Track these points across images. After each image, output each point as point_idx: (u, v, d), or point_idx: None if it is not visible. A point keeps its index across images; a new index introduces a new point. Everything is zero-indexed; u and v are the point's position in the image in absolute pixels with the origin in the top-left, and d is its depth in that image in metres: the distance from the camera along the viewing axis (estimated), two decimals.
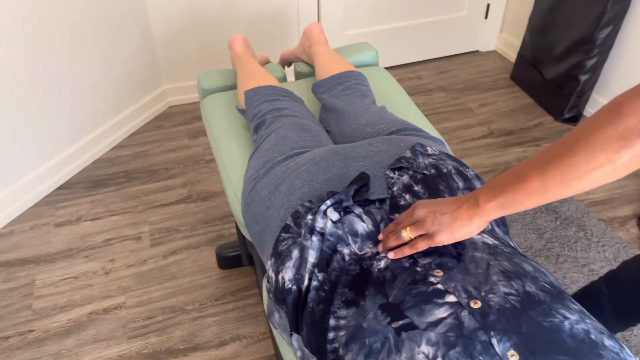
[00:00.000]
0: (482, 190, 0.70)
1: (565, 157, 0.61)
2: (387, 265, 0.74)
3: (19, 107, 1.80)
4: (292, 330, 0.82)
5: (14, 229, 1.84)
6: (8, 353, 1.46)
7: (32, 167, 1.91)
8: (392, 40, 2.61)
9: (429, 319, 0.65)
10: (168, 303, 1.59)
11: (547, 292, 0.69)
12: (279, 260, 0.84)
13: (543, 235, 1.78)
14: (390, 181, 0.87)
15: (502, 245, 0.79)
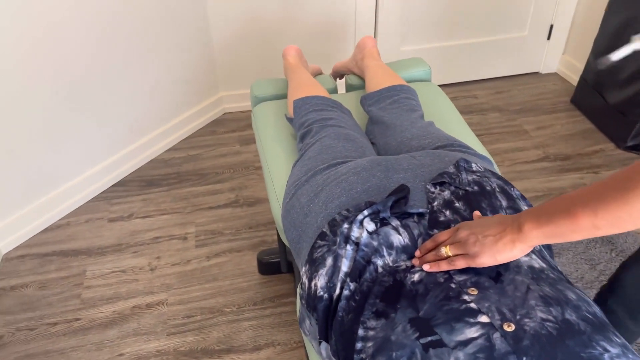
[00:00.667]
0: (527, 216, 0.69)
1: (619, 203, 0.60)
2: (421, 279, 0.73)
3: (85, 105, 1.90)
4: (321, 338, 0.82)
5: (71, 221, 1.93)
6: (54, 339, 1.53)
7: (92, 163, 2.00)
8: (448, 58, 2.58)
9: (459, 337, 0.63)
10: (207, 303, 1.62)
11: (588, 322, 0.65)
12: (313, 267, 0.84)
13: (596, 267, 1.70)
14: (431, 196, 0.86)
15: (549, 269, 0.76)
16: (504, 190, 0.89)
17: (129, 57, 1.98)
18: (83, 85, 1.86)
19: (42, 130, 1.80)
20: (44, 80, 1.74)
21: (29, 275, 1.72)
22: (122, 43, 1.94)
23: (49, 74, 1.74)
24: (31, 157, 1.80)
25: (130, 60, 1.99)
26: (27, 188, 1.83)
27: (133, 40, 1.97)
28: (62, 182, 1.93)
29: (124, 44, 1.94)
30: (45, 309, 1.62)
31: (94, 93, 1.91)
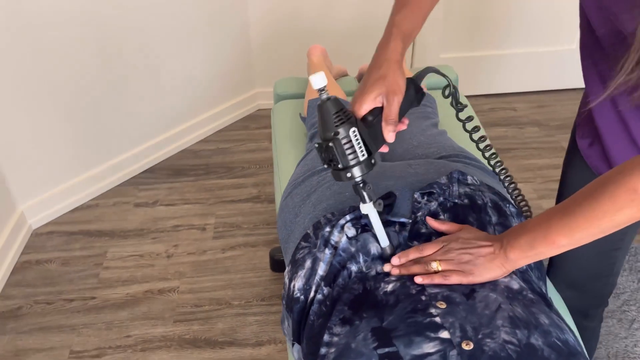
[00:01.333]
0: (512, 247, 0.72)
1: (590, 222, 0.64)
2: (394, 290, 0.72)
3: (122, 93, 1.97)
4: (295, 340, 0.81)
5: (100, 202, 2.01)
6: (68, 314, 1.60)
7: (125, 149, 2.07)
8: (489, 68, 2.51)
9: (415, 351, 0.62)
10: (217, 295, 1.65)
11: (554, 349, 0.62)
12: (294, 268, 0.84)
13: (620, 296, 1.61)
14: (417, 205, 0.84)
15: (528, 290, 0.73)
16: (497, 206, 0.86)
17: (168, 47, 2.04)
18: (122, 72, 1.93)
19: (81, 113, 1.87)
20: (88, 65, 1.81)
21: (54, 252, 1.80)
22: (162, 33, 1.99)
23: (94, 61, 1.82)
24: (67, 139, 1.88)
25: (169, 51, 2.05)
26: (62, 168, 1.91)
27: (173, 32, 2.02)
28: (95, 165, 2.00)
29: (163, 34, 2.00)
30: (64, 285, 1.69)
31: (132, 81, 1.97)
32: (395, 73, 0.74)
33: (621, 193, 0.62)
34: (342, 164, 0.72)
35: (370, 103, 0.74)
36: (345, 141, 0.71)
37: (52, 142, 1.85)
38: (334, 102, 0.71)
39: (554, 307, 0.74)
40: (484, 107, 2.52)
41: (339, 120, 0.71)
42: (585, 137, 0.90)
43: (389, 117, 0.74)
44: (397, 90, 0.74)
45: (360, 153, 0.72)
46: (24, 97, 1.71)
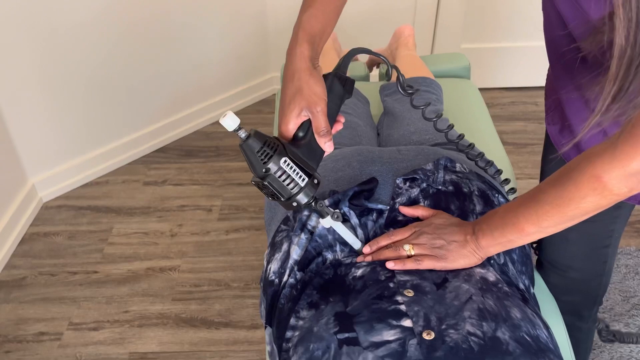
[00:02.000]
0: (483, 233, 0.71)
1: (556, 211, 0.63)
2: (363, 275, 0.70)
3: (136, 71, 1.97)
4: (267, 323, 0.80)
5: (110, 179, 2.03)
6: (71, 287, 1.62)
7: (138, 128, 2.09)
8: (511, 60, 2.44)
9: (374, 338, 0.60)
10: (216, 276, 1.65)
11: (522, 344, 0.60)
12: (272, 250, 0.83)
13: (629, 300, 1.55)
14: (397, 191, 0.81)
15: (504, 284, 0.70)
16: (485, 195, 0.83)
17: (184, 28, 2.03)
18: (138, 51, 1.94)
19: (96, 90, 1.89)
20: (104, 43, 1.83)
21: (61, 225, 1.83)
22: (179, 13, 1.99)
23: (111, 39, 1.83)
24: (81, 115, 1.90)
25: (185, 32, 2.05)
26: (74, 144, 1.93)
27: (190, 12, 2.02)
28: (107, 142, 2.02)
29: (180, 13, 1.99)
30: (69, 258, 1.71)
31: (147, 60, 1.98)
32: (309, 83, 0.68)
33: (584, 180, 0.59)
34: (284, 196, 0.68)
35: (295, 121, 0.69)
36: (279, 174, 0.67)
37: (66, 118, 1.87)
38: (255, 138, 0.66)
39: (530, 302, 0.71)
40: (504, 100, 2.45)
41: (265, 156, 0.66)
42: (554, 123, 0.86)
43: (319, 130, 0.69)
44: (317, 101, 0.68)
45: (300, 179, 0.68)
46: (39, 72, 1.74)
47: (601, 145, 0.59)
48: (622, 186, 0.58)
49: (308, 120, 0.70)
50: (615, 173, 0.57)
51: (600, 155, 0.58)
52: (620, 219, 0.91)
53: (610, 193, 0.59)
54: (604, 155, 0.58)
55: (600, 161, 0.58)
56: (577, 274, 0.99)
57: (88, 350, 1.45)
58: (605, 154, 0.58)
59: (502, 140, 2.16)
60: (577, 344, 1.07)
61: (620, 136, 0.56)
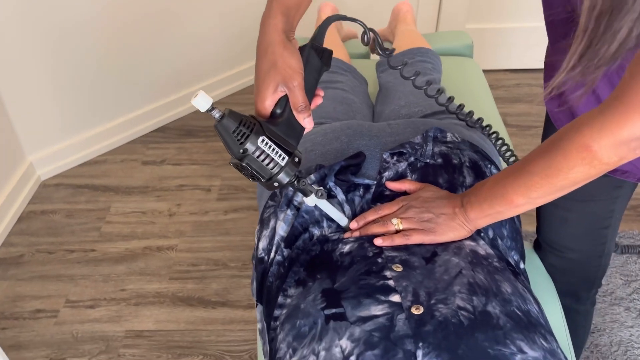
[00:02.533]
0: (471, 205, 0.69)
1: (544, 182, 0.62)
2: (350, 251, 0.69)
3: (135, 50, 1.95)
4: (258, 301, 0.79)
5: (108, 158, 2.02)
6: (68, 265, 1.62)
7: (137, 107, 2.07)
8: (517, 41, 2.39)
9: (362, 313, 0.58)
10: (214, 255, 1.64)
11: (513, 318, 0.58)
12: (261, 227, 0.82)
13: (631, 284, 1.54)
14: (384, 165, 0.80)
15: (494, 258, 0.69)
16: (476, 166, 0.81)
17: (184, 5, 2.00)
18: (136, 29, 1.91)
19: (95, 69, 1.87)
20: (102, 22, 1.80)
21: (59, 203, 1.82)
22: None
23: (109, 18, 1.80)
24: (79, 94, 1.89)
25: (185, 10, 2.01)
26: (72, 123, 1.92)
27: None
28: (106, 121, 2.01)
29: None
30: (66, 236, 1.71)
31: (147, 39, 1.95)
32: (283, 56, 0.64)
33: (573, 150, 0.57)
34: (265, 176, 0.66)
35: (271, 98, 0.65)
36: (257, 154, 0.64)
37: (64, 96, 1.86)
38: (230, 118, 0.63)
39: (521, 277, 0.70)
40: (509, 82, 2.41)
41: (242, 137, 0.63)
42: (553, 98, 0.84)
43: (297, 106, 0.66)
44: (293, 75, 0.64)
45: (280, 158, 0.65)
46: (38, 50, 1.71)
47: (590, 114, 0.57)
48: (611, 155, 0.56)
49: (285, 96, 0.66)
50: (605, 142, 0.55)
51: (588, 124, 0.56)
52: (621, 199, 0.89)
53: (599, 162, 0.57)
54: (592, 123, 0.56)
55: (589, 130, 0.56)
56: (576, 255, 0.97)
57: (84, 328, 1.45)
58: (594, 122, 0.55)
59: (506, 122, 2.13)
60: (574, 327, 1.05)
61: (609, 103, 0.54)
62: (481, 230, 0.74)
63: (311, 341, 0.59)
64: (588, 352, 1.37)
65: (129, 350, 1.39)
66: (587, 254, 0.98)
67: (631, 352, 1.36)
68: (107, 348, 1.40)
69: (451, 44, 1.47)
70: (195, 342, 1.41)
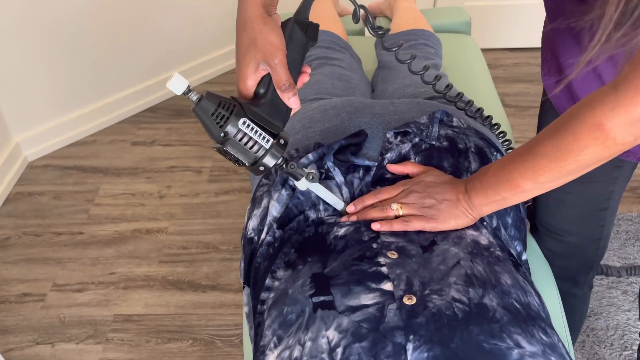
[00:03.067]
0: (475, 191, 0.66)
1: (553, 165, 0.58)
2: (345, 235, 0.65)
3: (124, 28, 1.89)
4: (245, 283, 0.76)
5: (97, 139, 1.97)
6: (55, 247, 1.58)
7: (127, 86, 2.01)
8: (517, 19, 2.34)
9: (351, 302, 0.55)
10: (205, 238, 1.61)
11: (510, 311, 0.55)
12: (252, 206, 0.78)
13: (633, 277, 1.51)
14: (387, 146, 0.76)
15: (496, 248, 0.65)
16: (482, 152, 0.77)
17: None
18: (127, 6, 1.85)
19: (84, 47, 1.81)
20: None
21: (47, 185, 1.78)
22: None
23: None
24: (67, 72, 1.83)
25: None
26: (60, 102, 1.87)
27: None
28: (95, 100, 1.96)
29: None
30: (54, 219, 1.67)
31: (137, 17, 1.89)
32: (263, 32, 0.60)
33: (584, 130, 0.54)
34: (249, 161, 0.62)
35: (253, 77, 0.62)
36: (239, 137, 0.61)
37: (52, 75, 1.80)
38: (208, 100, 0.60)
39: (522, 268, 0.66)
40: (507, 61, 2.36)
41: (221, 119, 0.60)
42: (550, 75, 0.80)
43: (280, 84, 0.62)
44: (274, 52, 0.60)
45: (264, 141, 0.62)
46: (24, 27, 1.66)
47: (602, 90, 0.53)
48: (626, 134, 0.52)
49: (268, 75, 0.63)
50: (619, 120, 0.51)
51: (601, 101, 0.52)
52: (621, 179, 0.86)
53: (613, 142, 0.53)
54: (605, 100, 0.52)
55: (601, 107, 0.52)
56: (574, 239, 0.94)
57: (72, 312, 1.42)
58: (608, 99, 0.51)
59: (504, 102, 2.08)
60: (571, 311, 1.03)
61: (623, 78, 0.50)
62: (484, 219, 0.71)
63: (297, 330, 0.56)
64: (584, 336, 1.35)
65: (117, 335, 1.37)
66: (585, 237, 0.95)
67: (628, 336, 1.34)
68: (95, 332, 1.37)
69: (448, 21, 1.42)
70: (185, 327, 1.38)
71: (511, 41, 2.41)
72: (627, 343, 1.33)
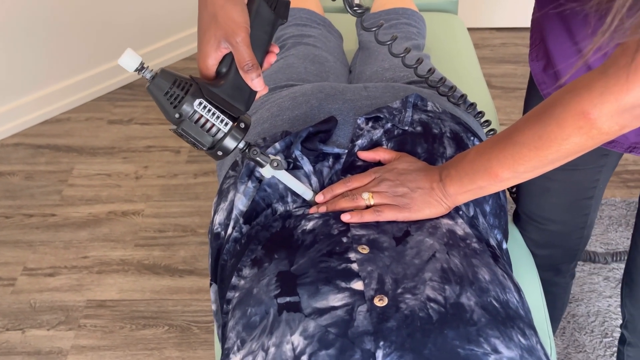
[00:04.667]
0: (450, 179, 0.62)
1: (534, 155, 0.56)
2: (314, 228, 0.61)
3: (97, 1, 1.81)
4: (212, 280, 0.72)
5: (72, 117, 1.90)
6: (26, 230, 1.53)
7: (103, 61, 1.94)
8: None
9: (318, 304, 0.52)
10: (183, 221, 1.56)
11: (489, 311, 0.52)
12: (219, 199, 0.74)
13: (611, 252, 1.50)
14: (358, 132, 0.72)
15: (473, 239, 0.62)
16: (458, 137, 0.74)
17: None
18: None
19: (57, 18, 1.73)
20: None
21: (18, 164, 1.72)
22: None
23: None
24: (39, 46, 1.75)
25: None
26: (32, 78, 1.79)
27: None
28: (70, 76, 1.88)
29: None
30: (25, 200, 1.61)
31: None
32: (225, 7, 0.56)
33: (568, 117, 0.51)
34: (205, 144, 0.59)
35: (214, 56, 0.58)
36: (195, 118, 0.57)
37: (23, 48, 1.72)
38: (162, 79, 0.56)
39: (502, 260, 0.63)
40: (494, 41, 2.32)
41: (175, 99, 0.56)
42: (539, 59, 0.76)
43: (242, 64, 0.58)
44: (235, 29, 0.56)
45: (222, 124, 0.58)
46: None
47: (589, 75, 0.50)
48: (612, 123, 0.49)
49: (231, 54, 0.59)
50: (607, 108, 0.48)
51: (588, 87, 0.49)
52: (607, 167, 0.83)
53: (599, 132, 0.50)
54: (592, 86, 0.48)
55: (587, 94, 0.49)
56: (557, 227, 0.91)
57: (43, 297, 1.38)
58: (595, 85, 0.48)
59: (490, 83, 2.04)
60: (553, 299, 1.01)
61: (613, 62, 0.46)
62: (460, 207, 0.67)
63: (261, 334, 0.52)
64: (565, 323, 1.34)
65: (90, 321, 1.33)
66: (569, 225, 0.92)
67: (609, 322, 1.34)
68: (67, 318, 1.33)
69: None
70: (160, 312, 1.35)
71: (498, 20, 2.37)
72: (607, 330, 1.32)
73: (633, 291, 0.85)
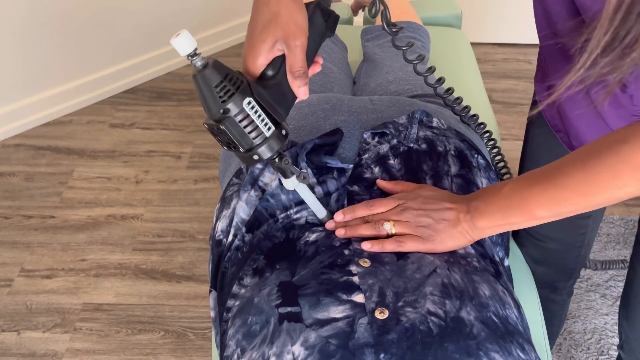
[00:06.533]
0: (480, 213, 0.60)
1: (581, 204, 0.55)
2: (317, 240, 0.61)
3: (103, 3, 1.82)
4: (212, 287, 0.72)
5: (74, 119, 1.91)
6: (25, 231, 1.53)
7: (106, 65, 1.95)
8: (512, 13, 2.30)
9: (320, 315, 0.52)
10: (181, 227, 1.56)
11: (488, 325, 0.52)
12: (222, 206, 0.74)
13: (608, 271, 1.50)
14: (364, 147, 0.72)
15: (474, 258, 0.62)
16: (462, 155, 0.74)
17: None
18: None
19: (62, 22, 1.74)
20: None
21: (18, 165, 1.72)
22: None
23: None
24: (43, 48, 1.76)
25: None
26: (36, 79, 1.80)
27: None
28: (73, 79, 1.89)
29: None
30: (25, 201, 1.61)
31: None
32: (289, 8, 0.54)
33: (625, 169, 0.50)
34: (244, 146, 0.55)
35: (266, 55, 0.55)
36: (240, 118, 0.54)
37: (29, 50, 1.73)
38: (214, 69, 0.52)
39: (503, 277, 0.63)
40: (497, 56, 2.33)
41: (225, 93, 0.53)
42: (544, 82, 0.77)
43: (295, 69, 0.56)
44: (297, 32, 0.55)
45: (265, 127, 0.55)
46: None
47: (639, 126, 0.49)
48: None
49: (281, 57, 0.56)
50: None
51: None
52: None
53: None
54: None
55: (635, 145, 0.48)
56: (555, 245, 0.91)
57: (39, 299, 1.37)
58: None
59: (491, 98, 2.06)
60: (550, 317, 1.01)
61: None
62: None
63: (262, 343, 0.52)
64: (561, 339, 1.34)
65: (86, 324, 1.32)
66: (566, 244, 0.93)
67: (605, 340, 1.34)
68: (63, 321, 1.33)
69: (439, 13, 1.38)
70: (157, 318, 1.35)
71: (501, 36, 2.38)
72: (603, 347, 1.32)
73: (629, 313, 0.85)
